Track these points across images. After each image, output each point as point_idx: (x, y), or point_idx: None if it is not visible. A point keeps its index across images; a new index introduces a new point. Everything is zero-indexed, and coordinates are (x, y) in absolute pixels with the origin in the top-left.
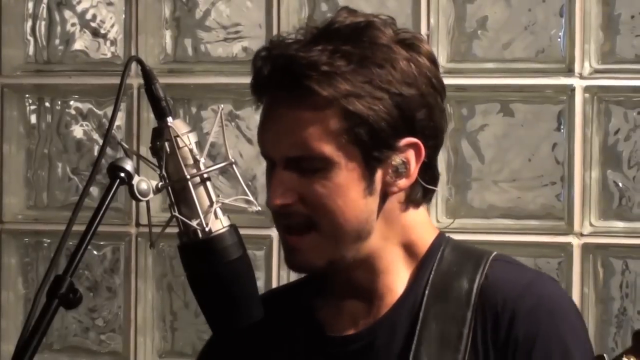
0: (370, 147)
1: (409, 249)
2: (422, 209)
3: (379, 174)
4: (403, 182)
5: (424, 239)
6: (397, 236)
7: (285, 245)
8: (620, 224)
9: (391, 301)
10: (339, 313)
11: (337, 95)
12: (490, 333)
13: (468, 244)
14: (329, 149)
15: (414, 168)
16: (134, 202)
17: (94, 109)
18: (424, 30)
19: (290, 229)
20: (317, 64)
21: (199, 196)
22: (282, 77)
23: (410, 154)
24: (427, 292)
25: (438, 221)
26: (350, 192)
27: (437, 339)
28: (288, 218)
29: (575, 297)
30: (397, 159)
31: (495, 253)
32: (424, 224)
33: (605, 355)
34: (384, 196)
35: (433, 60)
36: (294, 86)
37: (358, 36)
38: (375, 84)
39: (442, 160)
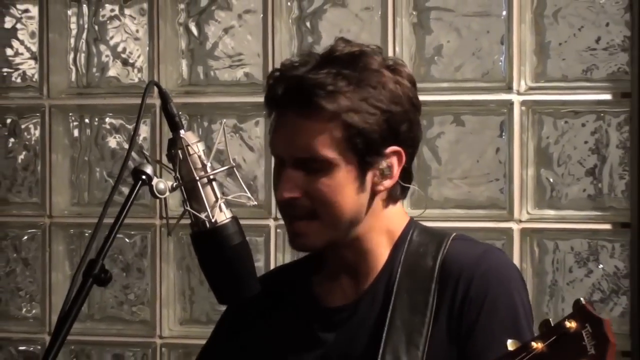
0: (364, 154)
1: (388, 234)
2: (399, 202)
3: (369, 176)
4: (387, 183)
5: (399, 225)
6: (379, 225)
7: (290, 231)
8: (551, 212)
9: (372, 277)
10: (331, 288)
11: (340, 111)
12: (450, 298)
13: (433, 228)
14: (331, 154)
15: (397, 171)
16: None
17: (125, 124)
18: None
19: (295, 218)
20: (324, 84)
21: (206, 194)
22: (295, 95)
23: (394, 160)
24: (399, 269)
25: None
26: (346, 189)
27: (408, 306)
28: (293, 209)
29: None
30: (383, 164)
31: (454, 234)
32: (399, 214)
33: (550, 319)
34: (373, 194)
35: (413, 82)
36: (304, 102)
37: (355, 62)
38: (370, 102)
39: None
